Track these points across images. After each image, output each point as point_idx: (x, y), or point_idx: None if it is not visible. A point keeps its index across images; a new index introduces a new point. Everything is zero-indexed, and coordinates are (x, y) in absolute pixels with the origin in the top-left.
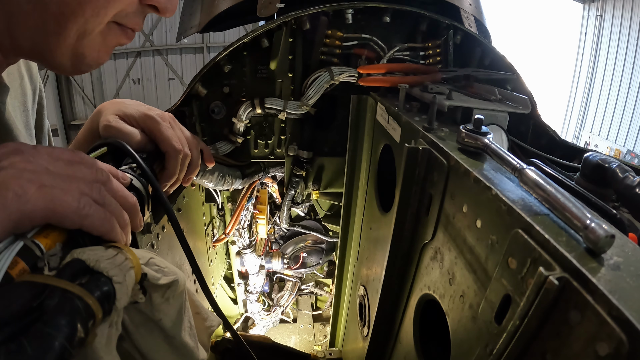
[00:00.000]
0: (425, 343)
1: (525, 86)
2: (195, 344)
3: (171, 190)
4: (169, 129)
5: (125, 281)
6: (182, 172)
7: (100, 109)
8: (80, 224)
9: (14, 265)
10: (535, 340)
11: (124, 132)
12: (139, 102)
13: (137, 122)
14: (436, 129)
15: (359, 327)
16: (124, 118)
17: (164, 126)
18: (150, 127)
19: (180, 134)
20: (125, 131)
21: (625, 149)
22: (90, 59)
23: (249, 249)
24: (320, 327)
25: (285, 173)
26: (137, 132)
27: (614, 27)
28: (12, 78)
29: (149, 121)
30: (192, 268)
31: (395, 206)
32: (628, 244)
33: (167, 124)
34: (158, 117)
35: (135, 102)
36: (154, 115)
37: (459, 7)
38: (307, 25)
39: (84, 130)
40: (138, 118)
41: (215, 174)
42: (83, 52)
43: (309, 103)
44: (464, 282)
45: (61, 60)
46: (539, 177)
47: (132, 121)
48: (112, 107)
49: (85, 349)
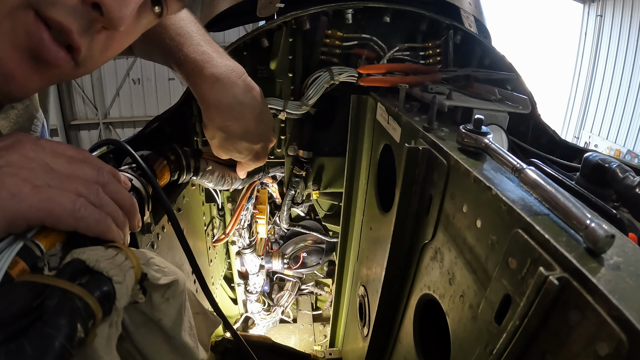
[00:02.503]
0: (425, 343)
1: (525, 86)
2: (195, 344)
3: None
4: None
5: (125, 281)
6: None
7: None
8: (75, 226)
9: (14, 265)
10: (535, 340)
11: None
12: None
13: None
14: (436, 129)
15: (359, 327)
16: None
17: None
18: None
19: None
20: None
21: (625, 149)
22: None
23: (249, 249)
24: (320, 327)
25: (285, 173)
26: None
27: (614, 27)
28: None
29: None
30: (192, 268)
31: (395, 206)
32: (628, 244)
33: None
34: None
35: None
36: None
37: (459, 7)
38: (307, 25)
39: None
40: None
41: (215, 174)
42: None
43: (309, 103)
44: (464, 282)
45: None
46: (539, 177)
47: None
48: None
49: (85, 349)
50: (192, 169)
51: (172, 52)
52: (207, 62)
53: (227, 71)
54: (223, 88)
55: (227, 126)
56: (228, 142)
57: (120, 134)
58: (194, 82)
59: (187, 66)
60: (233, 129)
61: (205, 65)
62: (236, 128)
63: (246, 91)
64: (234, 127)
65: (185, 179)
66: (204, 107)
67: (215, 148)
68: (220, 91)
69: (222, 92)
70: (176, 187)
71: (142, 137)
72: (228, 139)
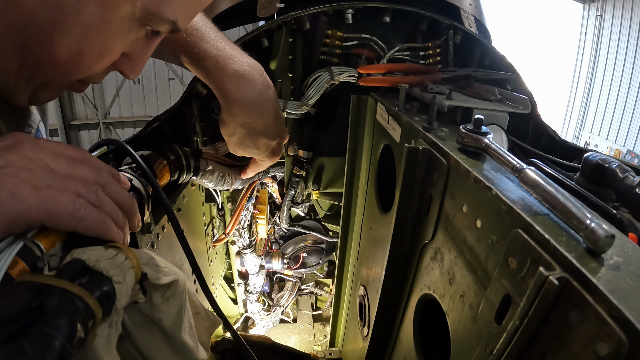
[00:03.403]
0: (425, 343)
1: (525, 86)
2: (195, 344)
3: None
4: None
5: (125, 281)
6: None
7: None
8: (75, 226)
9: (14, 265)
10: (535, 340)
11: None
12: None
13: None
14: (436, 129)
15: (359, 327)
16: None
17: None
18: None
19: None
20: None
21: (625, 149)
22: (42, 100)
23: (249, 249)
24: (320, 327)
25: (285, 173)
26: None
27: (614, 27)
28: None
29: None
30: (192, 268)
31: (395, 206)
32: (628, 244)
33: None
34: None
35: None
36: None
37: (459, 7)
38: (307, 25)
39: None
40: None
41: (215, 174)
42: (40, 95)
43: (309, 103)
44: (464, 282)
45: (18, 96)
46: (539, 177)
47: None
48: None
49: (85, 349)
50: (192, 169)
51: (188, 48)
52: (229, 58)
53: (249, 68)
54: (247, 84)
55: (249, 122)
56: (248, 138)
57: (120, 134)
58: (215, 78)
59: (207, 62)
60: (255, 125)
61: (227, 61)
62: (259, 124)
63: (267, 87)
64: (256, 123)
65: (185, 179)
66: (227, 104)
67: (233, 145)
68: (244, 87)
69: (246, 89)
70: (176, 187)
71: (142, 137)
72: (249, 135)
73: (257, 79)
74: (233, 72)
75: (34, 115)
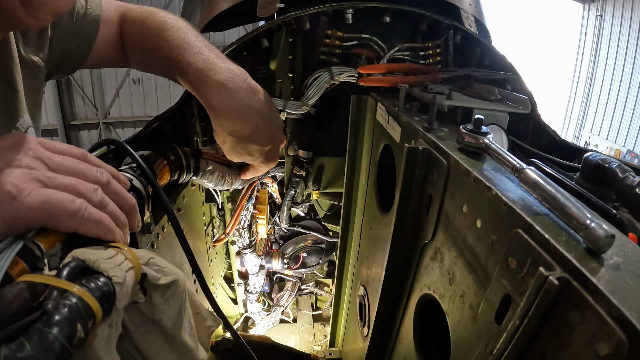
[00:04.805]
0: (425, 343)
1: (525, 86)
2: (195, 344)
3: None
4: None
5: (125, 281)
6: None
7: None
8: (75, 227)
9: (14, 265)
10: (535, 340)
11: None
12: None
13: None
14: (436, 129)
15: (359, 327)
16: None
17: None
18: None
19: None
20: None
21: (625, 149)
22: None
23: (249, 249)
24: (320, 327)
25: (285, 173)
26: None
27: (614, 27)
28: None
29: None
30: (192, 268)
31: (395, 206)
32: (628, 244)
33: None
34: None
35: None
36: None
37: (459, 7)
38: (307, 25)
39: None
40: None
41: (215, 174)
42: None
43: (309, 103)
44: (464, 282)
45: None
46: (539, 177)
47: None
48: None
49: (85, 349)
50: (192, 169)
51: (174, 64)
52: (211, 69)
53: (231, 76)
54: (229, 93)
55: (236, 130)
56: (239, 145)
57: (120, 134)
58: (199, 90)
59: (191, 76)
60: (243, 132)
61: (209, 72)
62: (245, 131)
63: (252, 94)
64: (243, 131)
65: (185, 179)
66: (212, 114)
67: (227, 152)
68: (226, 97)
69: (228, 98)
70: (176, 187)
71: (142, 137)
72: (239, 143)
73: (240, 86)
74: (215, 83)
75: (24, 119)
